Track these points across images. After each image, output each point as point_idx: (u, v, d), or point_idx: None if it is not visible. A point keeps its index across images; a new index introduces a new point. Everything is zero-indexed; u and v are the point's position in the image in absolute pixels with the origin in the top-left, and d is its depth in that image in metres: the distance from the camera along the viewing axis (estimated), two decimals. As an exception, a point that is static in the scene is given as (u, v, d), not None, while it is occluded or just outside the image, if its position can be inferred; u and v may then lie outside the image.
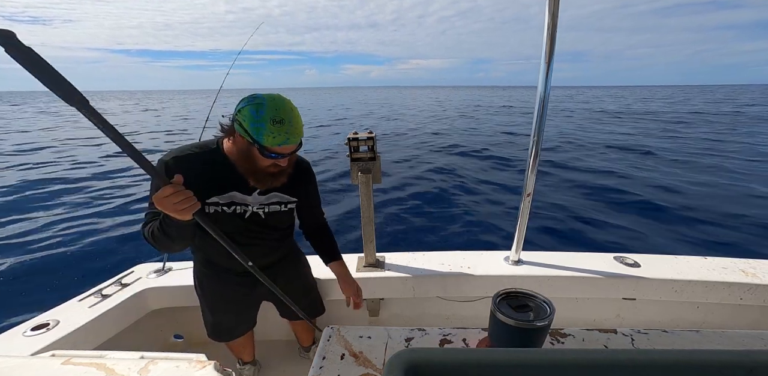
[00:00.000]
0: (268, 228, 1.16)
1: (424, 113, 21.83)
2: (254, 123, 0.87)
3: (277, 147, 0.91)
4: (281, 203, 1.13)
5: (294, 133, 0.91)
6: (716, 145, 9.05)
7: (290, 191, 1.14)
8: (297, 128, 0.91)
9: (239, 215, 1.07)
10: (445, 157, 8.18)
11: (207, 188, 1.01)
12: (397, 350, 0.36)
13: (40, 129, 15.04)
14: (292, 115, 0.90)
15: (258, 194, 1.07)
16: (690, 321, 1.54)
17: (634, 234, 3.81)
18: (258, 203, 1.09)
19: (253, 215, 1.10)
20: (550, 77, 1.18)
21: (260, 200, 1.09)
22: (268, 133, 0.88)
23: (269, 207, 1.11)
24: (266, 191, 1.09)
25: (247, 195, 1.06)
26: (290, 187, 1.12)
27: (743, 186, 5.44)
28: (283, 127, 0.88)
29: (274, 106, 0.88)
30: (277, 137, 0.88)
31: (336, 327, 0.93)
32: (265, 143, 0.89)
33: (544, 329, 0.70)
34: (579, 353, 0.35)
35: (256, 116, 0.87)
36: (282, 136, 0.89)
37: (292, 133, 0.90)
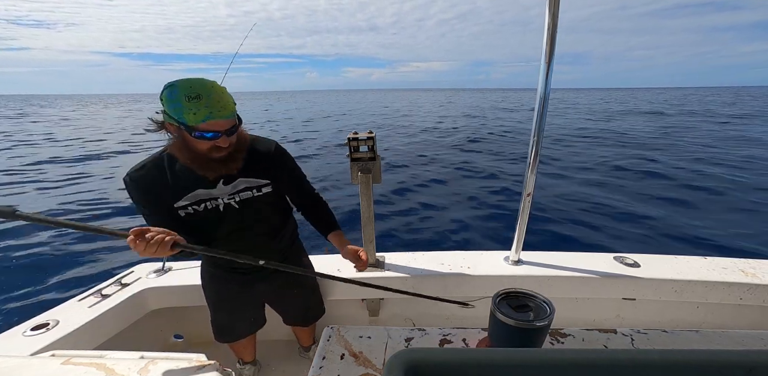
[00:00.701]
0: (251, 221, 1.12)
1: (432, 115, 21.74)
2: (171, 104, 0.85)
3: (203, 124, 0.86)
4: (251, 188, 1.07)
5: (216, 106, 0.86)
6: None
7: (256, 174, 1.08)
8: (219, 102, 0.87)
9: (214, 211, 1.04)
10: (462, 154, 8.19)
11: (170, 193, 0.99)
12: (397, 350, 0.36)
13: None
14: (210, 90, 0.86)
15: (222, 184, 1.03)
16: (690, 321, 1.53)
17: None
18: (226, 193, 1.04)
19: (227, 207, 1.05)
20: (551, 77, 1.18)
21: (227, 190, 1.04)
22: (187, 111, 0.84)
23: (239, 195, 1.06)
24: (230, 179, 1.03)
25: (211, 188, 1.02)
26: (255, 169, 1.07)
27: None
28: (200, 101, 0.85)
29: (186, 84, 0.86)
30: (198, 113, 0.85)
31: (336, 327, 0.93)
32: (189, 122, 0.86)
33: (544, 329, 0.70)
34: (579, 353, 0.35)
35: (171, 96, 0.85)
36: (203, 111, 0.85)
37: (213, 106, 0.86)
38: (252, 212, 1.10)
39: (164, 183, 0.98)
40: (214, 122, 0.87)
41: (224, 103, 0.88)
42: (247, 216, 1.10)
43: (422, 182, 5.94)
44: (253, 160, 1.06)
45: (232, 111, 0.91)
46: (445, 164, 7.33)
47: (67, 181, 6.25)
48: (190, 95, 0.84)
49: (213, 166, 0.96)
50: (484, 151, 8.83)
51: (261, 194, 1.10)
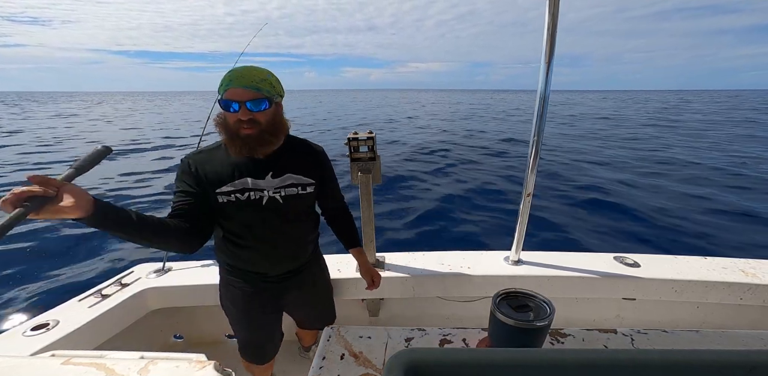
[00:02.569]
0: (289, 219, 1.10)
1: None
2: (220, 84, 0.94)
3: (225, 92, 0.91)
4: (298, 185, 1.07)
5: (239, 76, 0.90)
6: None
7: (304, 172, 1.08)
8: (245, 73, 0.91)
9: (256, 203, 1.03)
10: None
11: (218, 178, 1.01)
12: (397, 350, 0.36)
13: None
14: (247, 67, 0.93)
15: (271, 177, 1.04)
16: (690, 321, 1.53)
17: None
18: (273, 186, 1.04)
19: (270, 201, 1.04)
20: (550, 78, 1.18)
21: (275, 183, 1.04)
22: (221, 82, 0.92)
23: (285, 190, 1.06)
24: (279, 172, 1.05)
25: (260, 179, 1.02)
26: (303, 167, 1.08)
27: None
28: (230, 72, 0.91)
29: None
30: (223, 82, 0.91)
31: (336, 327, 0.93)
32: (219, 94, 0.93)
33: (544, 329, 0.70)
34: (579, 353, 0.35)
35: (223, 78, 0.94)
36: (226, 80, 0.91)
37: (236, 76, 0.90)
38: (292, 210, 1.10)
39: (215, 167, 1.01)
40: (233, 90, 0.90)
41: (251, 76, 0.91)
42: (287, 213, 1.09)
43: (423, 182, 5.94)
44: (302, 158, 1.09)
45: (256, 83, 0.91)
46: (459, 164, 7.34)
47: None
48: (230, 69, 0.94)
49: (238, 142, 0.96)
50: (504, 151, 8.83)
51: (305, 192, 1.09)
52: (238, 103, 0.90)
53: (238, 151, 0.96)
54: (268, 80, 0.93)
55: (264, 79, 0.92)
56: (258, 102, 0.92)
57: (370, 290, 1.35)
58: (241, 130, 0.94)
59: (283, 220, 1.09)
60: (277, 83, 0.97)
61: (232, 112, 0.92)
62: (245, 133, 0.94)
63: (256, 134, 0.95)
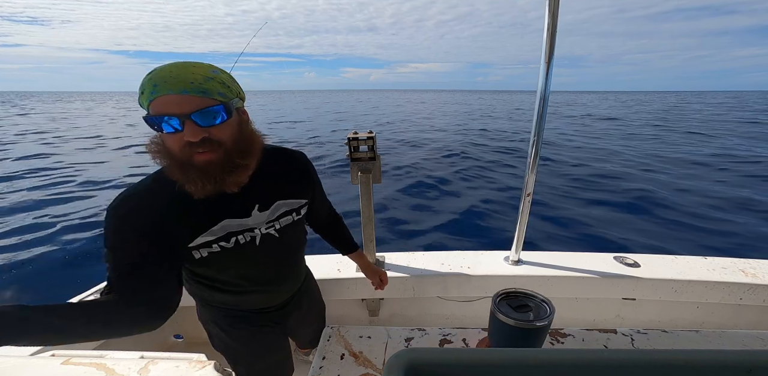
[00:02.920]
0: (290, 251, 0.94)
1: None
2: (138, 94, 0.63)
3: (151, 103, 0.61)
4: (292, 211, 0.87)
5: (168, 77, 0.59)
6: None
7: (296, 193, 0.87)
8: (178, 71, 0.60)
9: (248, 245, 0.80)
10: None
11: (186, 229, 0.72)
12: (397, 350, 0.36)
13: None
14: (178, 63, 0.63)
15: (258, 210, 0.79)
16: (690, 321, 1.54)
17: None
18: (263, 221, 0.81)
19: (265, 238, 0.83)
20: (550, 78, 1.18)
21: (265, 217, 0.81)
22: (140, 89, 0.62)
23: (280, 222, 0.84)
24: (267, 204, 0.81)
25: (245, 217, 0.78)
26: (293, 187, 0.87)
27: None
28: (152, 74, 0.60)
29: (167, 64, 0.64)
30: (146, 89, 0.60)
31: (336, 327, 0.93)
32: (143, 106, 0.63)
33: (544, 329, 0.70)
34: (579, 353, 0.35)
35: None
36: (148, 85, 0.60)
37: (164, 77, 0.59)
38: (292, 240, 0.92)
39: (174, 213, 0.70)
40: (164, 99, 0.60)
41: (184, 72, 0.61)
42: (287, 246, 0.91)
43: (422, 182, 5.94)
44: (288, 176, 0.86)
45: (199, 85, 0.61)
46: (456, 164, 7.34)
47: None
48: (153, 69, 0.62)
49: (195, 175, 0.65)
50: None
51: (300, 216, 0.90)
52: (177, 117, 0.60)
53: (199, 188, 0.66)
54: (216, 78, 0.64)
55: (209, 77, 0.63)
56: (209, 112, 0.62)
57: (381, 289, 1.31)
58: (194, 157, 0.64)
59: (283, 256, 0.93)
60: (231, 81, 0.68)
61: (171, 132, 0.62)
62: (203, 161, 0.64)
63: (220, 160, 0.66)
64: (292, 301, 1.05)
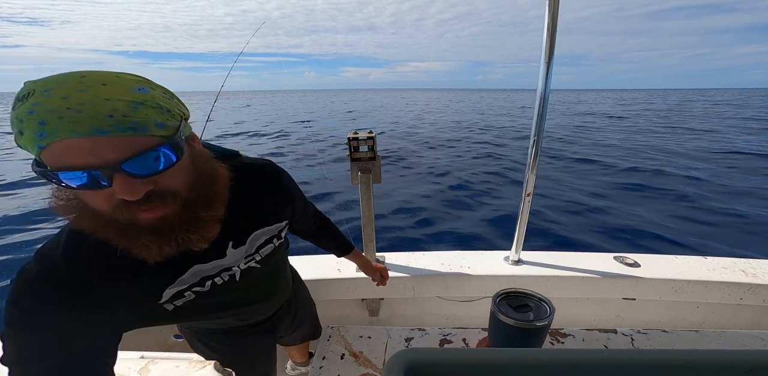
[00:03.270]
0: (276, 271, 0.85)
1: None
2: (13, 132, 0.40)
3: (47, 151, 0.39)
4: (272, 238, 0.74)
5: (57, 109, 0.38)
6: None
7: (273, 216, 0.74)
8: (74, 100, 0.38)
9: (227, 284, 0.67)
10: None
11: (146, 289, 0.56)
12: (397, 350, 0.36)
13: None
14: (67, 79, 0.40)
15: (233, 247, 0.65)
16: (690, 321, 1.54)
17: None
18: (242, 257, 0.68)
19: (246, 272, 0.71)
20: (550, 77, 1.18)
21: (242, 253, 0.68)
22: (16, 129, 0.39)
23: (260, 252, 0.72)
24: (243, 236, 0.67)
25: (218, 258, 0.63)
26: (270, 211, 0.72)
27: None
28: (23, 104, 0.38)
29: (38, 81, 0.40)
30: (25, 132, 0.39)
31: (336, 327, 0.93)
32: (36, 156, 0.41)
33: (544, 329, 0.70)
34: (579, 353, 0.35)
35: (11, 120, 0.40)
36: (30, 123, 0.38)
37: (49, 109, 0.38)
38: (275, 263, 0.80)
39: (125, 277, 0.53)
40: (62, 145, 0.39)
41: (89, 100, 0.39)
42: (272, 270, 0.81)
43: (423, 181, 5.94)
44: (262, 197, 0.70)
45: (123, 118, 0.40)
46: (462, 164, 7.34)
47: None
48: (18, 96, 0.40)
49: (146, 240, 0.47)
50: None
51: (282, 239, 0.78)
52: (98, 170, 0.40)
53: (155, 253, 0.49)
54: (148, 100, 0.43)
55: (137, 101, 0.42)
56: (148, 156, 0.43)
57: (383, 285, 1.26)
58: (139, 217, 0.45)
59: (269, 279, 0.82)
60: (170, 99, 0.47)
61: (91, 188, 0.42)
62: (151, 219, 0.46)
63: (177, 214, 0.48)
64: (281, 308, 0.97)
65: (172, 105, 0.47)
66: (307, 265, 1.50)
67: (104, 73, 0.43)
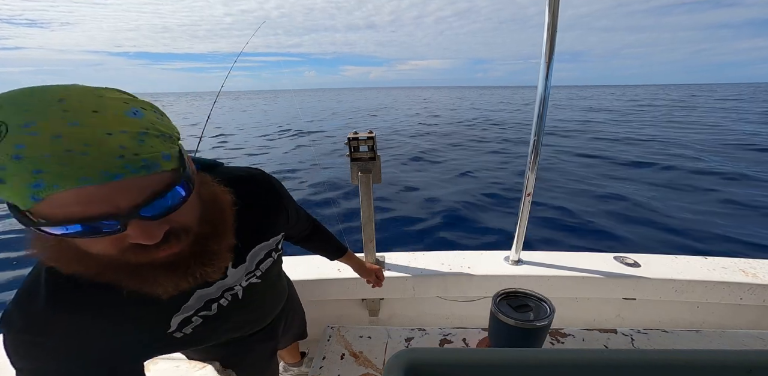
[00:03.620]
0: (275, 282, 0.84)
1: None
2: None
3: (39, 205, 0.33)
4: (271, 252, 0.73)
5: (56, 155, 0.31)
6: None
7: (269, 229, 0.72)
8: (72, 139, 0.32)
9: (231, 305, 0.67)
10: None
11: (152, 320, 0.55)
12: (397, 350, 0.36)
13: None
14: (49, 107, 0.32)
15: (233, 267, 0.64)
16: (690, 321, 1.54)
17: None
18: (242, 275, 0.67)
19: (248, 289, 0.70)
20: (550, 77, 1.18)
21: (243, 271, 0.67)
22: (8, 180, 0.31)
23: (260, 268, 0.71)
24: (242, 254, 0.65)
25: (220, 280, 0.62)
26: (265, 225, 0.70)
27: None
28: (4, 141, 0.31)
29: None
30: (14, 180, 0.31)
31: (336, 327, 0.93)
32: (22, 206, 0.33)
33: (544, 329, 0.70)
34: (579, 353, 0.35)
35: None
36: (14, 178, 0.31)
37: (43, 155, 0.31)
38: (273, 274, 0.79)
39: (130, 311, 0.50)
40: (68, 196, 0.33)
41: (90, 137, 0.33)
42: (271, 283, 0.80)
43: (423, 181, 5.94)
44: (259, 213, 0.68)
45: (134, 157, 0.35)
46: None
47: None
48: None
49: (162, 279, 0.45)
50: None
51: (280, 251, 0.77)
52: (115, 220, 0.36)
53: (171, 289, 0.46)
54: (150, 128, 0.38)
55: (141, 131, 0.36)
56: (162, 199, 0.38)
57: (380, 287, 1.23)
58: (155, 256, 0.42)
59: (269, 291, 0.81)
60: (163, 119, 0.41)
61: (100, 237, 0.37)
62: (165, 257, 0.43)
63: (190, 249, 0.46)
64: (277, 316, 0.95)
65: (168, 127, 0.41)
66: (307, 265, 1.50)
67: (82, 92, 0.35)
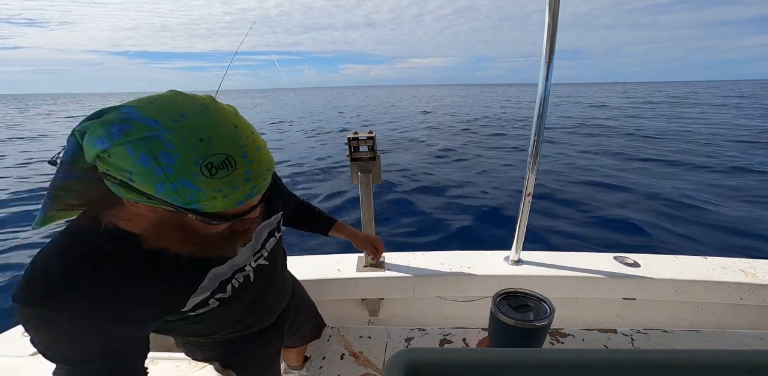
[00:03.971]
0: (280, 267, 0.86)
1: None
2: (168, 183, 0.40)
3: (234, 208, 0.47)
4: (273, 231, 0.78)
5: (259, 173, 0.46)
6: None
7: (271, 210, 0.77)
8: (262, 162, 0.47)
9: (243, 285, 0.71)
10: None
11: (172, 298, 0.59)
12: (397, 350, 0.36)
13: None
14: (240, 138, 0.44)
15: (242, 245, 0.67)
16: (690, 321, 1.54)
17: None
18: (251, 254, 0.72)
19: (258, 270, 0.74)
20: (551, 77, 1.18)
21: (251, 250, 0.72)
22: (208, 195, 0.42)
23: (266, 247, 0.75)
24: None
25: (231, 259, 0.67)
26: (268, 203, 0.72)
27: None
28: (236, 173, 0.43)
29: (192, 133, 0.40)
30: (232, 195, 0.44)
31: (336, 327, 0.93)
32: (207, 209, 0.45)
33: (544, 329, 0.70)
34: (579, 353, 0.35)
35: (162, 170, 0.40)
36: (238, 193, 0.45)
37: (255, 176, 0.46)
38: (278, 257, 0.82)
39: (153, 285, 0.55)
40: (251, 201, 0.49)
41: (267, 159, 0.48)
42: (278, 267, 0.82)
43: (423, 180, 5.94)
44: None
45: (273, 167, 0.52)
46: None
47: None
48: (211, 162, 0.41)
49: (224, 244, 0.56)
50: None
51: (281, 231, 0.81)
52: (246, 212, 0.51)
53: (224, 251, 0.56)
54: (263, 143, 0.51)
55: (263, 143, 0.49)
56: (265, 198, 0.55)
57: (379, 258, 1.12)
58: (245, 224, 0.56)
59: (277, 277, 0.84)
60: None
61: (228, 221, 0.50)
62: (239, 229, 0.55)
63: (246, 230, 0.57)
64: (284, 310, 0.95)
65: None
66: (307, 265, 1.50)
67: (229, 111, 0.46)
